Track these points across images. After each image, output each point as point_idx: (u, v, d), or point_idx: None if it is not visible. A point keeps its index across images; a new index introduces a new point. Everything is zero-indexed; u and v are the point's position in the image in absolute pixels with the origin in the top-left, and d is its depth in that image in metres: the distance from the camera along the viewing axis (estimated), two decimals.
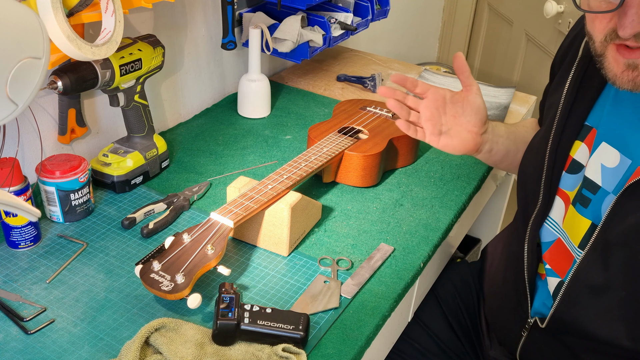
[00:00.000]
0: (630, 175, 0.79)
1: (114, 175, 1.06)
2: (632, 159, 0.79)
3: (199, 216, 1.03)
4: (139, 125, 1.09)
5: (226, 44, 1.34)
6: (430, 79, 1.64)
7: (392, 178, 1.18)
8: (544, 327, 0.90)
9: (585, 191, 0.85)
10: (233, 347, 0.78)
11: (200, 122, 1.35)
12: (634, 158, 0.79)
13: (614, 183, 0.81)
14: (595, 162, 0.84)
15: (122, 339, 0.78)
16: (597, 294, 0.82)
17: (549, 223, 0.91)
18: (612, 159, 0.82)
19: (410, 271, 0.94)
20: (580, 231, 0.85)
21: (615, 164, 0.81)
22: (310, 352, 0.79)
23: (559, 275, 0.89)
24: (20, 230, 0.91)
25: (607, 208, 0.80)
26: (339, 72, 1.63)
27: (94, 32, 1.04)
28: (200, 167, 1.18)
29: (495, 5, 2.61)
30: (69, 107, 1.05)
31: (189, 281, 0.79)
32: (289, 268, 0.93)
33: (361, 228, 1.03)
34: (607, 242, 0.80)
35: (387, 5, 1.61)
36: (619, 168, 0.81)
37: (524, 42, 2.37)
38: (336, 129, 1.18)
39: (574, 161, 0.88)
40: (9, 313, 0.81)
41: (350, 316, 0.85)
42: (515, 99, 1.54)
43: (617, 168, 0.81)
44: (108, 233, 0.98)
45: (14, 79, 0.64)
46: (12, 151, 0.98)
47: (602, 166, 0.83)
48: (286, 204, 0.92)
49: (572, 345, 0.89)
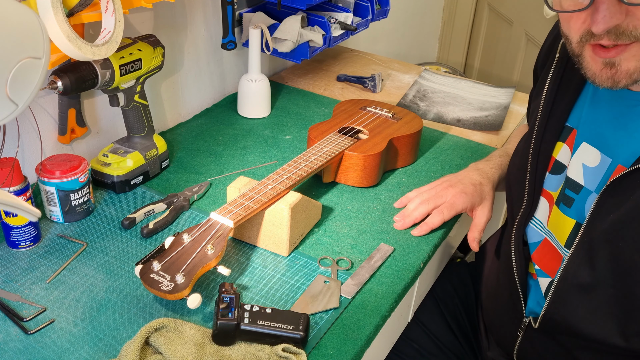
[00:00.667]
0: (611, 173, 0.80)
1: (114, 175, 1.06)
2: (612, 158, 0.80)
3: (199, 216, 1.03)
4: (139, 125, 1.09)
5: (226, 44, 1.34)
6: (430, 79, 1.64)
7: (392, 178, 1.18)
8: (536, 327, 0.90)
9: (568, 191, 0.86)
10: (233, 347, 0.78)
11: (200, 122, 1.35)
12: (613, 156, 0.80)
13: (596, 182, 0.82)
14: (576, 162, 0.85)
15: (122, 339, 0.78)
16: (586, 292, 0.82)
17: (534, 223, 0.92)
18: (592, 158, 0.83)
19: (410, 271, 0.94)
20: (565, 231, 0.86)
21: (596, 163, 0.82)
22: (310, 352, 0.79)
23: (549, 275, 0.89)
24: (20, 230, 0.91)
25: (590, 207, 0.80)
26: (339, 72, 1.64)
27: (94, 32, 1.04)
28: (200, 167, 1.18)
29: (495, 5, 2.61)
30: (69, 107, 1.05)
31: (189, 281, 0.79)
32: (289, 268, 0.93)
33: (361, 228, 1.03)
34: (592, 241, 0.80)
35: (387, 5, 1.61)
36: (599, 167, 0.82)
37: (524, 42, 2.37)
38: (336, 129, 1.18)
39: (557, 162, 0.89)
40: (9, 313, 0.81)
41: (350, 316, 0.85)
42: (515, 99, 1.54)
43: (598, 167, 0.82)
44: (108, 233, 0.98)
45: (14, 79, 0.64)
46: (12, 151, 0.98)
47: (584, 166, 0.84)
48: (286, 204, 0.92)
49: (566, 344, 0.89)
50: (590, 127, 0.84)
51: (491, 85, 1.61)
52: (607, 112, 0.82)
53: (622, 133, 0.79)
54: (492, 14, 2.67)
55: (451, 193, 1.03)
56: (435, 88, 1.59)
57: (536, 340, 0.93)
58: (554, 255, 0.88)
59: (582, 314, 0.83)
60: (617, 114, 0.80)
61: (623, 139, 0.79)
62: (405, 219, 1.02)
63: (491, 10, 2.66)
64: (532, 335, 0.93)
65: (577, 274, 0.82)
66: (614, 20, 0.67)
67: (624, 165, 0.78)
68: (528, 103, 1.09)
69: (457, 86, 1.61)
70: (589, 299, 0.82)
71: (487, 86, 1.60)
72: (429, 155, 1.27)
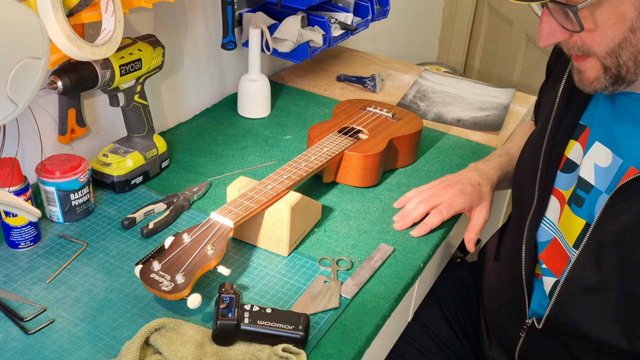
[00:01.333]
0: (622, 174, 0.79)
1: (114, 175, 1.06)
2: (623, 158, 0.80)
3: (199, 216, 1.03)
4: (139, 125, 1.09)
5: (226, 44, 1.34)
6: (430, 79, 1.64)
7: (392, 178, 1.18)
8: (540, 327, 0.90)
9: (579, 191, 0.85)
10: (233, 347, 0.78)
11: (200, 122, 1.35)
12: (625, 157, 0.80)
13: (607, 182, 0.82)
14: (588, 162, 0.84)
15: (122, 339, 0.78)
16: (592, 294, 0.82)
17: (545, 223, 0.92)
18: (604, 158, 0.82)
19: (410, 271, 0.94)
20: (575, 231, 0.85)
21: (607, 163, 0.82)
22: (310, 352, 0.79)
23: (555, 275, 0.89)
24: (20, 230, 0.91)
25: (600, 208, 0.80)
26: (339, 72, 1.64)
27: (94, 32, 1.04)
28: (200, 167, 1.18)
29: (495, 5, 2.61)
30: (69, 107, 1.05)
31: (189, 281, 0.79)
32: (289, 268, 0.93)
33: (361, 228, 1.03)
34: (600, 242, 0.80)
35: (387, 5, 1.61)
36: (611, 167, 0.81)
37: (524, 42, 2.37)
38: (336, 129, 1.18)
39: (569, 160, 0.88)
40: (9, 313, 0.81)
41: (350, 316, 0.85)
42: (515, 99, 1.54)
43: (610, 167, 0.81)
44: (108, 233, 0.98)
45: (14, 79, 0.64)
46: (12, 151, 0.98)
47: (595, 165, 0.83)
48: (286, 204, 0.92)
49: (569, 346, 0.89)
50: (603, 126, 0.84)
51: (491, 85, 1.61)
52: (619, 112, 0.81)
53: (635, 134, 0.79)
54: (492, 14, 2.67)
55: (450, 193, 1.03)
56: (435, 88, 1.59)
57: (538, 341, 0.93)
58: (562, 255, 0.88)
59: (587, 315, 0.83)
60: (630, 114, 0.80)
61: (635, 140, 0.78)
62: (405, 219, 1.02)
63: (491, 10, 2.67)
64: (534, 335, 0.93)
65: (583, 275, 0.82)
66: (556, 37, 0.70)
67: (636, 168, 0.78)
68: (538, 96, 1.08)
69: (457, 86, 1.61)
70: (594, 300, 0.82)
71: (487, 86, 1.60)
72: (429, 155, 1.27)
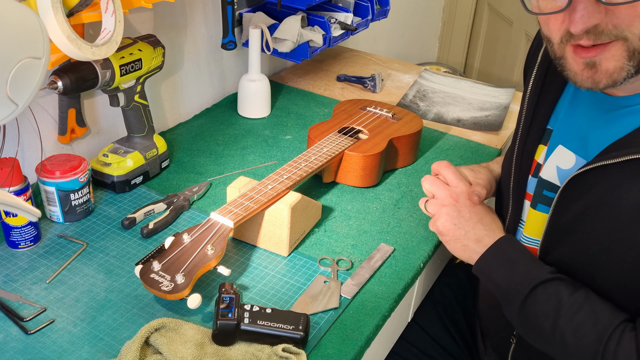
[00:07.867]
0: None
1: (114, 175, 1.06)
2: (586, 159, 0.80)
3: (199, 216, 1.03)
4: (139, 125, 1.09)
5: (226, 44, 1.34)
6: (430, 78, 1.64)
7: (392, 178, 1.18)
8: None
9: (546, 192, 0.85)
10: (233, 347, 0.78)
11: (200, 122, 1.35)
12: (588, 158, 0.80)
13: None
14: (551, 164, 0.85)
15: (122, 339, 0.78)
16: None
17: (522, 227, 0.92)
18: (567, 160, 0.83)
19: (410, 271, 0.94)
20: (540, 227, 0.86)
21: (570, 165, 0.82)
22: (310, 352, 0.79)
23: None
24: (20, 230, 0.91)
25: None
26: (339, 72, 1.64)
27: (94, 32, 1.04)
28: (200, 167, 1.18)
29: (495, 5, 2.61)
30: (69, 107, 1.05)
31: (189, 281, 0.79)
32: (289, 268, 0.93)
33: (361, 228, 1.03)
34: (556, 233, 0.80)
35: (387, 5, 1.61)
36: (573, 169, 0.82)
37: (524, 42, 2.37)
38: (336, 129, 1.18)
39: (539, 165, 0.89)
40: (9, 313, 0.81)
41: (350, 316, 0.85)
42: (515, 99, 1.54)
43: (572, 169, 0.82)
44: (108, 233, 0.98)
45: (14, 79, 0.64)
46: (12, 151, 0.98)
47: (557, 168, 0.84)
48: (286, 204, 0.92)
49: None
50: (567, 129, 0.84)
51: (491, 85, 1.61)
52: (584, 115, 0.82)
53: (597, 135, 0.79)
54: (492, 14, 2.67)
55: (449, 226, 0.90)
56: (435, 88, 1.59)
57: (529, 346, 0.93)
58: None
59: None
60: (594, 117, 0.80)
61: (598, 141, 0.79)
62: None
63: (491, 10, 2.67)
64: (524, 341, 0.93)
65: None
66: (593, 20, 0.67)
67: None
68: None
69: (457, 86, 1.61)
70: None
71: (487, 86, 1.60)
72: (429, 155, 1.27)
